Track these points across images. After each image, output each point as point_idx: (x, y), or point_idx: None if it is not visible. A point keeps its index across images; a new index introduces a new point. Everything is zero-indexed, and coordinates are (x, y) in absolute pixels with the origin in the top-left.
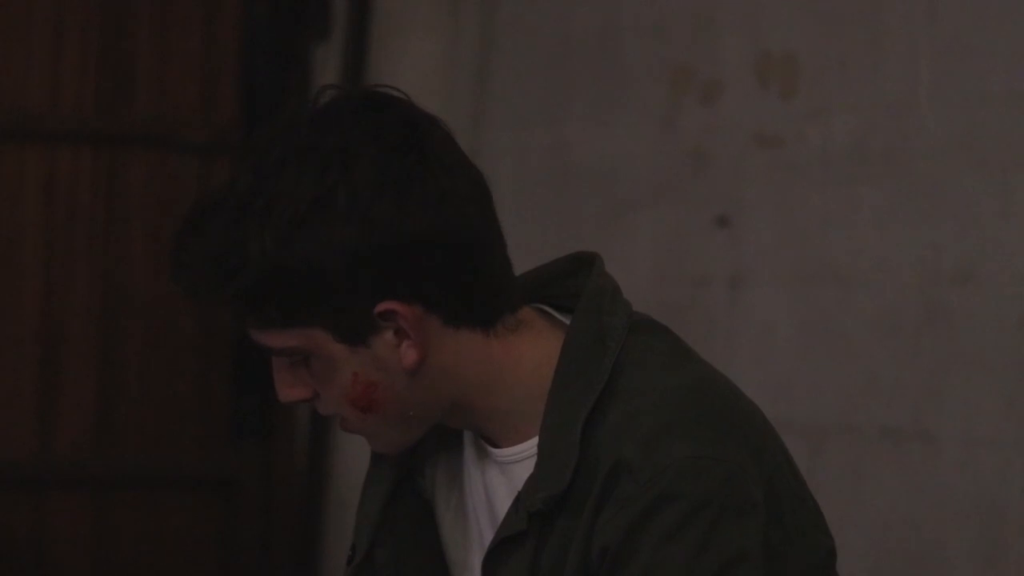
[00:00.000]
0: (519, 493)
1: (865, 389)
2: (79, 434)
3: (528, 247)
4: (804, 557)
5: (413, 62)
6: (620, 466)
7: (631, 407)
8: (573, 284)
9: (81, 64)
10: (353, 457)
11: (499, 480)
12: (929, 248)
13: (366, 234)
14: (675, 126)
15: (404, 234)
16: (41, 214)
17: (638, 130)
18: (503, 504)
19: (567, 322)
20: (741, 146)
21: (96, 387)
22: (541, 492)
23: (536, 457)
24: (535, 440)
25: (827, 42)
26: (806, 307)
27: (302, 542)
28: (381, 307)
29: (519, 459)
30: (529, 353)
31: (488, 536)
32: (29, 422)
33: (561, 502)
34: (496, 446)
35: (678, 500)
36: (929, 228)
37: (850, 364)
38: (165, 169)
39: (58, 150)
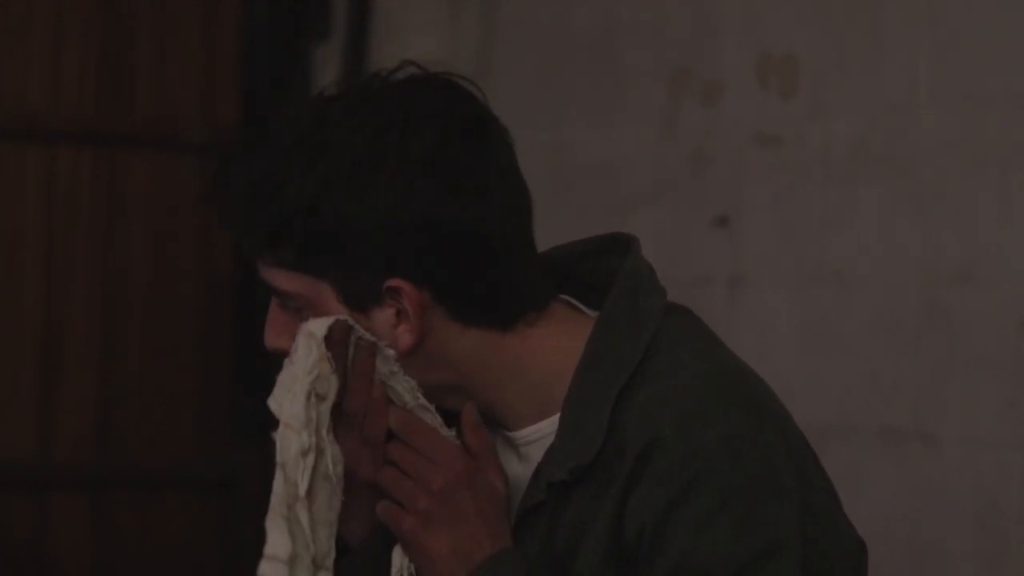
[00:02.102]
0: (538, 465)
1: (865, 389)
2: (79, 435)
3: None
4: (837, 549)
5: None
6: (654, 444)
7: (662, 387)
8: (607, 262)
9: (81, 64)
10: None
11: (514, 462)
12: (929, 248)
13: (402, 207)
14: (675, 126)
15: (439, 219)
16: (41, 214)
17: (638, 130)
18: (518, 486)
19: (591, 313)
20: (741, 146)
21: (96, 387)
22: (569, 462)
23: (556, 432)
24: (555, 418)
25: (827, 42)
26: (806, 307)
27: None
28: (391, 282)
29: (537, 438)
30: (548, 343)
31: None
32: (29, 423)
33: (584, 474)
34: (508, 428)
35: (714, 481)
36: (929, 228)
37: (850, 364)
38: (165, 169)
39: (58, 150)
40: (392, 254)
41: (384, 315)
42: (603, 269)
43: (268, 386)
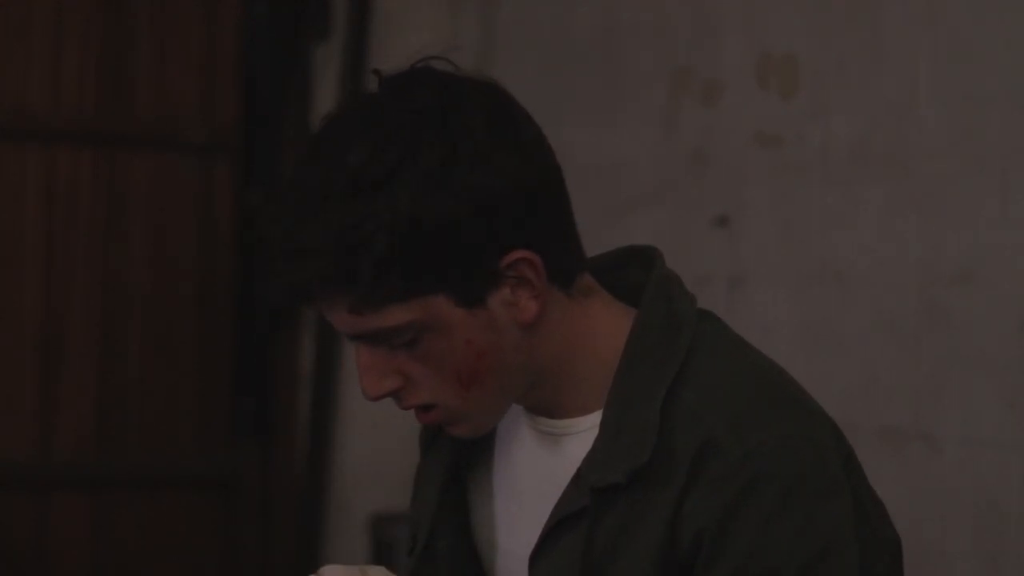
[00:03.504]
0: (579, 469)
1: (865, 389)
2: (79, 434)
3: None
4: (885, 541)
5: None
6: (709, 446)
7: (709, 388)
8: (630, 274)
9: (81, 64)
10: (353, 458)
11: (542, 453)
12: (929, 248)
13: (494, 180)
14: (675, 126)
15: (523, 179)
16: (41, 214)
17: (638, 130)
18: (543, 478)
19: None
20: (741, 146)
21: (96, 388)
22: (621, 464)
23: (597, 432)
24: (596, 415)
25: (827, 42)
26: (806, 307)
27: (302, 542)
28: (511, 257)
29: (575, 432)
30: (602, 321)
31: (516, 512)
32: (29, 423)
33: (636, 477)
34: (549, 415)
35: (772, 481)
36: (929, 228)
37: (850, 364)
38: (165, 169)
39: (58, 150)
40: (501, 230)
41: (501, 296)
42: (628, 281)
43: (267, 386)
